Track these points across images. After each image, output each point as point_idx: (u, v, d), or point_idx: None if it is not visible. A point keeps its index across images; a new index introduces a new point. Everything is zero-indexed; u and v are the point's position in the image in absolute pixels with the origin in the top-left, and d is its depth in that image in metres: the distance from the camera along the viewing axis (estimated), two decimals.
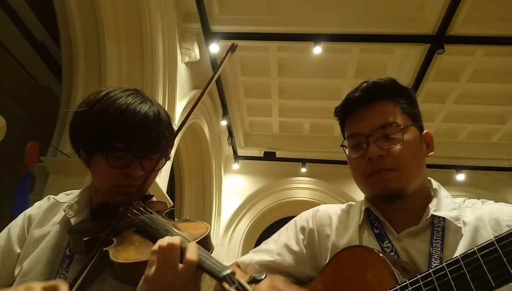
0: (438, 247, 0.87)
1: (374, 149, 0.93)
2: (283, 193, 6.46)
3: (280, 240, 1.11)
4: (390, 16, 3.80)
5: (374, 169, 0.93)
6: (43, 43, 4.71)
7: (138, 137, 0.91)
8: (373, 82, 1.01)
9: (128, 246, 0.78)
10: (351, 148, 1.00)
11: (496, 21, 3.67)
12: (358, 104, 1.00)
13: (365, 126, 0.97)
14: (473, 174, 5.90)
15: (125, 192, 0.93)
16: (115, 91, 0.96)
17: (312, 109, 5.72)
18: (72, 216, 0.97)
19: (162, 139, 0.96)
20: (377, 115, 0.97)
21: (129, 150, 0.91)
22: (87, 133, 0.94)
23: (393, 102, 0.98)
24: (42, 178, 3.22)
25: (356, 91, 1.01)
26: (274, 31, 3.95)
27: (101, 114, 0.92)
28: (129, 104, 0.92)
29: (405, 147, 0.92)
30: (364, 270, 0.85)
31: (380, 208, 0.99)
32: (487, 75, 4.64)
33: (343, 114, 1.05)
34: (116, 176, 0.92)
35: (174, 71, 3.71)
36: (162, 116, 0.97)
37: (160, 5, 3.34)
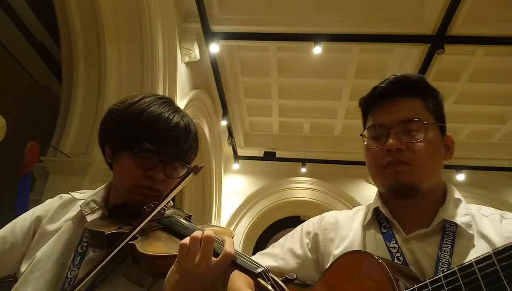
0: (448, 252, 0.86)
1: (393, 141, 0.92)
2: (283, 193, 6.46)
3: (286, 245, 1.13)
4: (390, 16, 3.80)
5: (391, 161, 0.93)
6: (43, 43, 4.71)
7: (168, 143, 0.94)
8: (402, 76, 1.00)
9: (155, 241, 0.79)
10: (371, 138, 1.00)
11: (496, 21, 3.67)
12: (384, 96, 0.99)
13: (388, 119, 0.96)
14: (473, 174, 5.90)
15: (144, 193, 0.95)
16: (150, 97, 1.00)
17: (312, 109, 5.72)
18: (88, 213, 0.97)
19: (189, 149, 0.99)
20: (401, 109, 0.96)
21: (157, 152, 0.93)
22: (119, 131, 0.96)
23: (420, 99, 0.98)
24: (42, 178, 3.22)
25: (384, 82, 1.01)
26: (274, 31, 3.95)
27: (136, 115, 0.95)
28: (163, 111, 0.96)
29: (425, 144, 0.92)
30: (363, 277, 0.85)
31: (390, 207, 0.99)
32: (487, 75, 4.64)
33: (367, 104, 1.05)
34: (139, 176, 0.94)
35: (174, 71, 3.71)
36: (191, 128, 1.01)
37: (160, 5, 3.34)
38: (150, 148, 0.92)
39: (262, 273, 0.65)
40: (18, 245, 0.98)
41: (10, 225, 1.01)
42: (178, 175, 0.99)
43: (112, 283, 0.86)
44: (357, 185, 6.37)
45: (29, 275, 0.89)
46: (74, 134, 3.19)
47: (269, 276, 0.65)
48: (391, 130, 0.94)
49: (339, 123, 5.92)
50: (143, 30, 3.23)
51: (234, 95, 5.30)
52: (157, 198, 0.95)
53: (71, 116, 3.22)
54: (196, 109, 4.57)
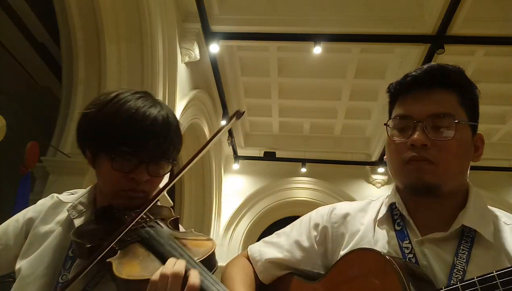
0: (464, 259, 0.80)
1: (420, 136, 0.84)
2: (283, 193, 6.46)
3: (292, 235, 1.08)
4: (390, 16, 3.80)
5: (414, 157, 0.85)
6: (43, 43, 4.71)
7: (147, 142, 0.90)
8: (439, 66, 0.91)
9: (132, 260, 0.77)
10: (396, 129, 0.91)
11: (496, 21, 3.67)
12: (417, 85, 0.90)
13: (417, 110, 0.88)
14: (473, 174, 5.86)
15: (129, 196, 0.92)
16: (125, 94, 0.95)
17: (312, 109, 5.72)
18: (75, 216, 0.96)
19: (170, 145, 0.95)
20: (432, 101, 0.88)
21: (135, 155, 0.89)
22: (94, 135, 0.93)
23: (454, 93, 0.89)
24: (42, 178, 3.22)
25: (417, 70, 0.92)
26: (274, 31, 3.95)
27: (109, 117, 0.90)
28: (139, 108, 0.91)
29: (454, 144, 0.84)
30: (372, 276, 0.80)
31: (407, 205, 0.92)
32: (487, 75, 4.63)
33: (397, 91, 0.95)
34: (120, 180, 0.91)
35: (174, 71, 3.71)
36: (171, 120, 0.96)
37: (160, 5, 3.34)
38: (127, 151, 0.88)
39: None
40: (10, 246, 0.97)
41: (2, 226, 1.00)
42: (164, 171, 0.95)
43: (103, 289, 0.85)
44: (357, 185, 6.37)
45: (22, 281, 0.89)
46: (74, 134, 3.19)
47: None
48: (418, 124, 0.86)
49: (339, 123, 5.92)
50: (143, 30, 3.23)
51: (234, 95, 5.30)
52: (145, 199, 0.93)
53: (71, 116, 3.22)
54: (196, 109, 4.57)
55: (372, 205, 1.03)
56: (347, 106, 5.46)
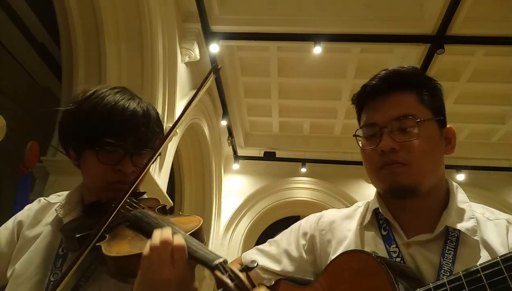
0: (450, 259, 0.82)
1: (387, 141, 0.87)
2: (283, 193, 6.46)
3: (282, 244, 1.10)
4: (390, 16, 3.80)
5: (386, 161, 0.88)
6: (43, 43, 4.71)
7: (128, 133, 0.91)
8: (393, 71, 0.94)
9: (121, 241, 0.78)
10: (364, 138, 0.95)
11: (496, 21, 3.67)
12: (375, 93, 0.94)
13: (381, 117, 0.91)
14: (473, 174, 5.90)
15: (116, 189, 0.93)
16: (103, 90, 0.96)
17: (312, 109, 5.72)
18: (63, 215, 0.97)
19: (152, 135, 0.97)
20: (394, 106, 0.91)
21: (119, 145, 0.91)
22: (76, 131, 0.94)
23: (413, 93, 0.92)
24: (42, 178, 3.22)
25: (374, 78, 0.95)
26: (274, 31, 3.95)
27: (90, 111, 0.92)
28: (118, 100, 0.93)
29: (420, 142, 0.86)
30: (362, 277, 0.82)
31: (391, 208, 0.94)
32: (487, 75, 4.64)
33: (359, 102, 1.00)
34: (107, 173, 0.92)
35: (174, 71, 3.71)
36: (151, 112, 0.98)
37: (160, 5, 3.34)
38: (111, 142, 0.90)
39: (219, 265, 0.65)
40: (4, 255, 0.98)
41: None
42: None
43: (97, 282, 0.86)
44: (357, 185, 6.37)
45: (13, 282, 0.89)
46: None
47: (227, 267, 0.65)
48: (384, 130, 0.89)
49: (339, 123, 5.92)
50: (143, 30, 3.23)
51: (234, 95, 5.30)
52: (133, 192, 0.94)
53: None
54: (196, 109, 4.57)
55: (359, 211, 1.05)
56: (347, 106, 5.46)
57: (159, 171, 3.60)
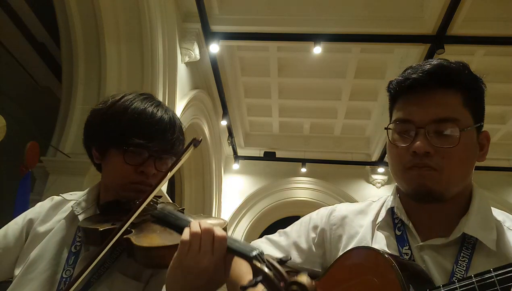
0: (464, 266, 0.78)
1: (422, 144, 0.80)
2: (283, 193, 6.46)
3: (291, 236, 1.08)
4: (390, 16, 3.80)
5: (417, 164, 0.82)
6: (43, 43, 4.70)
7: (155, 136, 0.95)
8: (441, 66, 0.85)
9: (150, 234, 0.80)
10: (397, 133, 0.87)
11: (496, 21, 3.67)
12: (418, 87, 0.84)
13: (419, 116, 0.83)
14: (473, 174, 5.89)
15: (137, 189, 0.95)
16: (132, 95, 1.01)
17: (312, 109, 5.72)
18: (80, 212, 0.98)
19: (177, 141, 1.00)
20: (435, 105, 0.82)
21: (147, 146, 0.94)
22: (105, 130, 0.97)
23: (458, 94, 0.84)
24: (42, 178, 3.21)
25: (417, 70, 0.85)
26: (274, 31, 3.95)
27: (121, 112, 0.96)
28: (147, 106, 0.97)
29: (458, 150, 0.80)
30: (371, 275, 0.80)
31: (407, 208, 0.90)
32: (487, 75, 4.63)
33: (397, 92, 0.90)
34: (130, 173, 0.95)
35: (174, 71, 3.71)
36: (176, 121, 1.02)
37: (160, 5, 3.34)
38: (139, 142, 0.93)
39: (257, 256, 0.66)
40: (11, 249, 0.98)
41: (2, 230, 1.01)
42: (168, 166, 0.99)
43: (109, 280, 0.87)
44: (357, 185, 6.37)
45: (23, 277, 0.89)
46: (74, 134, 3.19)
47: (264, 258, 0.66)
48: (420, 130, 0.82)
49: (339, 123, 5.92)
50: (143, 30, 3.23)
51: (234, 95, 5.30)
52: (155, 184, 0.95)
53: (71, 116, 3.22)
54: (196, 109, 4.57)
55: (373, 207, 1.01)
56: (347, 106, 5.46)
57: None
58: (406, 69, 0.90)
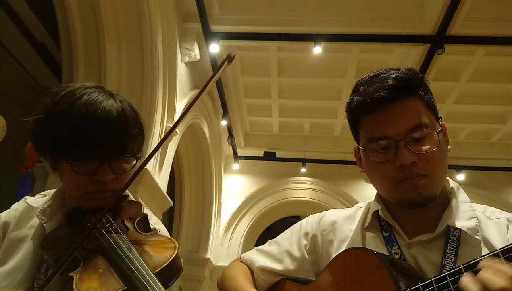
0: (452, 258, 0.82)
1: (407, 155, 0.83)
2: (283, 193, 6.46)
3: (283, 245, 1.09)
4: (390, 16, 3.80)
5: (407, 175, 0.84)
6: (43, 43, 4.70)
7: (102, 142, 0.85)
8: (398, 78, 0.87)
9: (92, 274, 0.77)
10: (375, 151, 0.89)
11: (496, 21, 3.67)
12: (381, 104, 0.87)
13: (394, 129, 0.86)
14: (473, 174, 5.90)
15: (96, 198, 0.90)
16: (74, 92, 0.89)
17: (312, 109, 5.72)
18: (45, 221, 0.93)
19: (129, 140, 0.90)
20: (405, 115, 0.86)
21: (95, 155, 0.85)
22: (47, 142, 0.88)
23: (418, 98, 0.88)
24: (42, 178, 3.22)
25: (378, 89, 0.87)
26: (274, 31, 3.95)
27: (59, 122, 0.85)
28: (89, 106, 0.85)
29: (438, 151, 0.85)
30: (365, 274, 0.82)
31: (391, 210, 0.93)
32: (487, 75, 4.64)
33: (359, 112, 0.92)
34: (84, 183, 0.88)
35: (174, 71, 3.71)
36: (127, 113, 0.90)
37: (160, 5, 3.34)
38: (84, 154, 0.84)
39: None
40: None
41: None
42: (130, 166, 0.92)
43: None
44: (357, 185, 6.37)
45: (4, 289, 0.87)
46: None
47: None
48: (400, 143, 0.84)
49: (339, 123, 5.92)
50: (143, 30, 3.23)
51: (234, 95, 5.30)
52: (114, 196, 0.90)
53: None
54: (196, 109, 4.57)
55: (360, 212, 1.04)
56: None
57: (159, 171, 3.60)
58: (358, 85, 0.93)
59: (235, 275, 1.06)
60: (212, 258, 5.64)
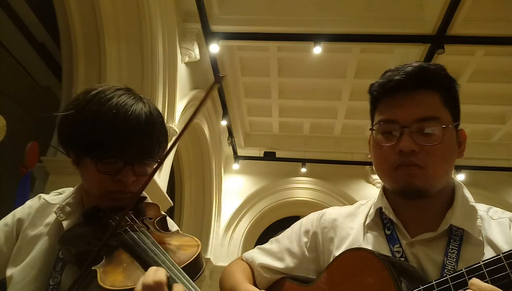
0: (453, 258, 0.81)
1: (407, 142, 0.84)
2: (283, 193, 6.46)
3: (283, 243, 1.10)
4: (390, 16, 3.80)
5: (403, 162, 0.85)
6: (43, 43, 4.70)
7: (130, 143, 0.87)
8: (421, 67, 0.89)
9: (117, 267, 0.78)
10: (381, 133, 0.91)
11: (496, 21, 3.67)
12: (400, 88, 0.89)
13: (403, 115, 0.87)
14: (473, 174, 5.90)
15: (116, 198, 0.91)
16: (106, 92, 0.91)
17: (312, 109, 5.72)
18: (63, 218, 0.94)
19: (155, 145, 0.92)
20: (418, 105, 0.87)
21: (119, 156, 0.87)
22: (75, 139, 0.90)
23: (437, 93, 0.88)
24: (42, 178, 3.21)
25: (399, 72, 0.89)
26: (274, 31, 3.95)
27: (90, 120, 0.87)
28: (120, 107, 0.87)
29: (441, 147, 0.84)
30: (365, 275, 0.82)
31: (395, 207, 0.93)
32: (487, 75, 4.64)
33: (379, 94, 0.94)
34: (106, 182, 0.89)
35: (174, 71, 3.71)
36: (154, 118, 0.93)
37: (160, 5, 3.34)
38: (110, 154, 0.86)
39: None
40: (3, 251, 0.96)
41: None
42: (151, 169, 0.93)
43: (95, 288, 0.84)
44: (357, 185, 6.37)
45: (13, 287, 0.87)
46: None
47: None
48: (405, 129, 0.85)
49: (339, 123, 5.92)
50: (143, 30, 3.23)
51: (234, 95, 5.30)
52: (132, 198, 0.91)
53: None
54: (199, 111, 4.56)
55: (361, 209, 1.04)
56: (347, 106, 5.46)
57: (159, 171, 3.60)
58: (386, 72, 0.94)
59: (233, 272, 1.07)
60: (212, 258, 5.64)
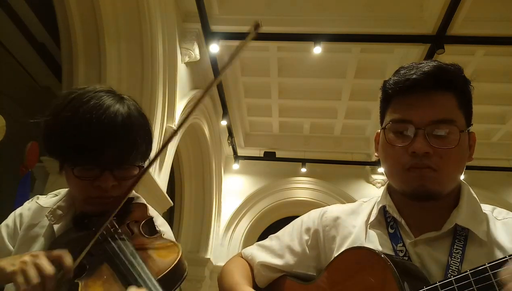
0: (458, 258, 0.80)
1: (422, 144, 0.81)
2: (283, 193, 6.46)
3: (284, 240, 1.08)
4: (390, 16, 3.80)
5: (416, 164, 0.83)
6: (43, 43, 4.70)
7: (106, 148, 0.84)
8: (440, 67, 0.86)
9: (97, 280, 0.78)
10: (393, 133, 0.88)
11: (496, 21, 3.67)
12: (416, 87, 0.85)
13: (418, 116, 0.84)
14: (473, 174, 5.87)
15: (98, 203, 0.89)
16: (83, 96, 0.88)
17: (312, 109, 5.72)
18: (54, 222, 0.94)
19: (132, 149, 0.88)
20: (434, 106, 0.84)
21: (95, 163, 0.85)
22: (52, 146, 0.89)
23: (453, 96, 0.87)
24: (42, 178, 3.22)
25: (416, 71, 0.86)
26: (274, 31, 3.94)
27: (63, 127, 0.85)
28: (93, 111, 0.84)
29: (455, 151, 0.83)
30: (367, 274, 0.81)
31: (399, 206, 0.91)
32: (487, 75, 4.63)
33: (394, 92, 0.90)
34: (86, 188, 0.88)
35: (174, 71, 3.71)
36: (133, 120, 0.88)
37: (160, 5, 3.34)
38: (85, 161, 0.84)
39: None
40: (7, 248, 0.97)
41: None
42: (132, 173, 0.90)
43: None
44: (357, 185, 6.37)
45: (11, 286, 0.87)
46: None
47: None
48: (419, 131, 0.83)
49: (339, 123, 5.92)
50: (143, 30, 3.23)
51: (234, 95, 5.30)
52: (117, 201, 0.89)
53: None
54: (196, 109, 4.57)
55: (364, 207, 1.02)
56: (347, 106, 5.46)
57: (159, 171, 3.60)
58: (400, 69, 0.91)
59: (232, 271, 1.05)
60: (212, 258, 5.64)
